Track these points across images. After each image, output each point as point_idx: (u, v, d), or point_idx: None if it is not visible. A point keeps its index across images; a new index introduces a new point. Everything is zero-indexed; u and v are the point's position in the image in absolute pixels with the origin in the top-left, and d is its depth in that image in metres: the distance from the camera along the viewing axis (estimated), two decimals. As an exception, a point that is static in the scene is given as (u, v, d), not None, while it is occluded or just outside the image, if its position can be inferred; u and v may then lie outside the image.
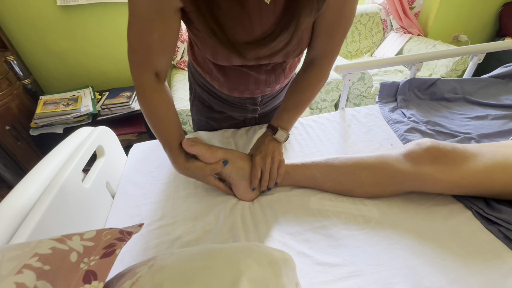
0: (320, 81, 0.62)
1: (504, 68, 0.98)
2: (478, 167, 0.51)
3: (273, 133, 0.61)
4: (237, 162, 0.58)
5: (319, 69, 0.60)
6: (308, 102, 0.63)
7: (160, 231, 0.55)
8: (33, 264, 0.25)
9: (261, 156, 0.58)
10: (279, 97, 0.76)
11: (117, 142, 0.76)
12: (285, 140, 0.61)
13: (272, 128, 0.62)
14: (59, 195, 0.49)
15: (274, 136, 0.61)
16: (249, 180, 0.58)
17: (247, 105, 0.72)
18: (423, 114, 0.83)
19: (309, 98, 0.63)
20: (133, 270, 0.31)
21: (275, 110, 0.79)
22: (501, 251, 0.46)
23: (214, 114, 0.77)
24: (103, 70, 1.73)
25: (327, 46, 0.57)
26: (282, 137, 0.61)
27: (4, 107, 1.34)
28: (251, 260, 0.30)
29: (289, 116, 0.62)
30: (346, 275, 0.45)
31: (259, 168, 0.58)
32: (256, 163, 0.58)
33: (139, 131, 1.66)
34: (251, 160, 0.60)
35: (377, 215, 0.54)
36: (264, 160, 0.58)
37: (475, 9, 2.25)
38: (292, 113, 0.62)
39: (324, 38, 0.55)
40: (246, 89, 0.64)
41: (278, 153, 0.59)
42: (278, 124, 0.61)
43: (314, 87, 0.62)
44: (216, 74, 0.62)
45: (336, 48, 0.58)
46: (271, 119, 0.64)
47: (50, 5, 1.46)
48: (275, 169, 0.58)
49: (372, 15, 2.21)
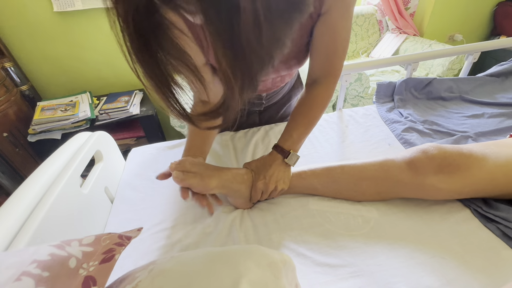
0: (326, 98, 0.61)
1: (499, 67, 0.99)
2: (482, 173, 0.50)
3: (284, 157, 0.57)
4: (233, 186, 0.54)
5: (324, 88, 0.60)
6: (316, 120, 0.62)
7: (160, 235, 0.55)
8: (32, 271, 0.25)
9: (264, 182, 0.55)
10: (283, 91, 0.77)
11: (115, 147, 0.76)
12: (295, 163, 0.58)
13: (282, 151, 0.57)
14: (57, 201, 0.49)
15: (285, 160, 0.57)
16: (246, 198, 0.57)
17: (253, 100, 0.74)
18: (420, 113, 0.84)
19: (317, 116, 0.61)
20: (132, 274, 0.31)
21: (279, 102, 0.80)
22: (500, 249, 0.46)
23: None
24: (101, 75, 1.73)
25: (327, 68, 0.58)
26: (292, 161, 0.57)
27: (2, 114, 1.34)
28: (251, 262, 0.30)
29: (299, 135, 0.59)
30: (346, 276, 0.45)
31: (260, 192, 0.56)
32: (257, 188, 0.55)
33: (137, 136, 1.66)
34: (249, 181, 0.56)
35: (376, 215, 0.54)
36: (266, 187, 0.56)
37: (470, 9, 2.27)
38: (301, 132, 0.60)
39: (323, 60, 0.57)
40: None
41: (282, 182, 0.56)
42: (288, 147, 0.58)
43: (320, 105, 0.61)
44: None
45: (337, 67, 0.59)
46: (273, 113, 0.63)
47: (46, 11, 1.47)
48: (274, 194, 0.58)
49: (368, 16, 2.23)
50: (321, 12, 0.51)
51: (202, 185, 0.50)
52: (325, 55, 0.56)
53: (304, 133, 0.60)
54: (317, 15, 0.51)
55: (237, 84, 0.27)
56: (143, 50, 0.25)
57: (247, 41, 0.24)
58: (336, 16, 0.51)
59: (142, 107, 1.59)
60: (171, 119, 1.55)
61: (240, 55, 0.24)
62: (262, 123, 0.84)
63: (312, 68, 0.59)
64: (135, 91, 1.68)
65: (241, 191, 0.55)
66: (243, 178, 0.56)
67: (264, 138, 0.78)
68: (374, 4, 2.29)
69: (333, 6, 0.49)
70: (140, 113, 1.54)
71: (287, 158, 0.57)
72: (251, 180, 0.56)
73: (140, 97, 1.66)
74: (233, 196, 0.57)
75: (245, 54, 0.25)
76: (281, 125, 0.83)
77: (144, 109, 1.57)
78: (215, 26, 0.22)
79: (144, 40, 0.24)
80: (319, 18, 0.51)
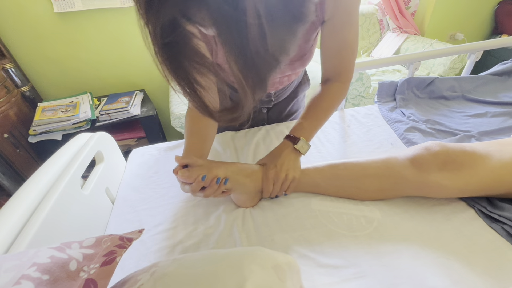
0: (340, 94, 0.62)
1: (502, 65, 0.98)
2: (486, 171, 0.50)
3: (294, 143, 0.57)
4: (238, 179, 0.54)
5: (336, 86, 0.62)
6: (328, 112, 0.62)
7: (161, 236, 0.55)
8: (32, 274, 0.25)
9: (275, 171, 0.55)
10: (290, 87, 0.78)
11: (116, 148, 0.75)
12: (306, 151, 0.58)
13: (292, 138, 0.58)
14: (58, 202, 0.48)
15: (295, 146, 0.56)
16: (250, 194, 0.57)
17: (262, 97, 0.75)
18: (423, 113, 0.83)
19: (328, 108, 0.62)
20: (134, 277, 0.31)
21: (287, 99, 0.81)
22: (505, 249, 0.46)
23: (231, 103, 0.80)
24: (101, 75, 1.73)
25: (338, 69, 0.60)
26: (304, 149, 0.57)
27: (2, 115, 1.34)
28: (255, 265, 0.29)
29: (310, 124, 0.59)
30: (349, 277, 0.44)
31: (272, 182, 0.55)
32: (269, 177, 0.55)
33: (138, 136, 1.66)
34: (254, 175, 0.56)
35: (379, 215, 0.54)
36: (278, 176, 0.55)
37: (471, 8, 2.26)
38: (313, 122, 0.60)
39: (333, 62, 0.59)
40: None
41: (293, 170, 0.56)
42: (299, 134, 0.57)
43: (333, 98, 0.62)
44: None
45: (348, 68, 0.60)
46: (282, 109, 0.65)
47: (47, 12, 1.47)
48: (286, 184, 0.56)
49: (369, 16, 2.23)
50: (324, 20, 0.53)
51: (209, 175, 0.50)
52: (333, 58, 0.59)
53: (315, 124, 0.61)
54: (320, 22, 0.53)
55: (249, 86, 0.31)
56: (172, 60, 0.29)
57: (255, 50, 0.28)
58: (339, 23, 0.53)
59: (142, 108, 1.59)
60: (172, 120, 1.55)
61: (250, 62, 0.28)
62: (271, 120, 0.85)
63: (324, 69, 0.62)
64: (136, 92, 1.68)
65: (246, 185, 0.55)
66: (249, 172, 0.56)
67: (265, 137, 0.78)
68: (375, 4, 2.28)
69: (335, 14, 0.51)
70: (140, 113, 1.54)
71: (297, 145, 0.57)
72: (257, 175, 0.56)
73: (141, 98, 1.66)
74: (237, 191, 0.56)
75: (254, 61, 0.29)
76: (282, 125, 0.82)
77: (145, 110, 1.57)
78: (226, 38, 0.26)
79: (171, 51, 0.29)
80: (322, 24, 0.54)
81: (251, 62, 0.28)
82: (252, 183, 0.55)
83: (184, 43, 0.29)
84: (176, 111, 1.55)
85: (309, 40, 0.57)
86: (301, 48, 0.58)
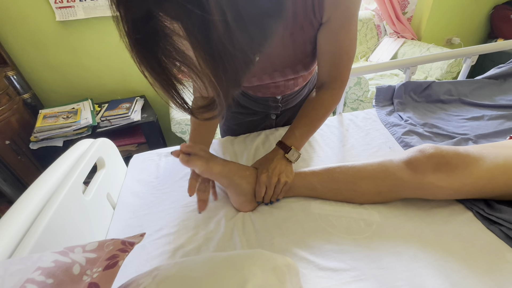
0: (332, 102, 0.62)
1: (498, 69, 0.99)
2: (480, 172, 0.50)
3: (285, 152, 0.59)
4: (235, 179, 0.56)
5: (331, 93, 0.62)
6: (320, 121, 0.63)
7: (162, 240, 0.55)
8: (36, 278, 0.25)
9: (267, 175, 0.56)
10: (300, 95, 0.78)
11: (117, 154, 0.76)
12: (296, 160, 0.60)
13: (284, 146, 0.60)
14: (60, 208, 0.49)
15: (286, 155, 0.59)
16: (246, 196, 0.57)
17: (269, 102, 0.75)
18: (420, 116, 0.84)
19: (321, 118, 0.63)
20: (136, 281, 0.31)
21: (296, 106, 0.81)
22: (503, 251, 0.46)
23: (240, 108, 0.81)
24: (102, 82, 1.74)
25: (333, 74, 0.60)
26: (293, 157, 0.59)
27: (4, 122, 1.35)
28: (256, 267, 0.30)
29: (301, 134, 0.61)
30: (349, 280, 0.45)
31: (264, 186, 0.56)
32: (261, 181, 0.56)
33: (138, 142, 1.67)
34: (251, 177, 0.58)
35: (378, 218, 0.54)
36: (270, 180, 0.56)
37: (467, 12, 2.29)
38: (304, 131, 0.61)
39: (328, 67, 0.59)
40: (267, 91, 0.70)
41: (285, 175, 0.57)
42: (290, 143, 0.59)
43: (326, 107, 0.62)
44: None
45: (343, 74, 0.60)
46: (291, 116, 0.66)
47: (49, 20, 1.49)
48: (279, 188, 0.57)
49: (366, 21, 2.25)
50: (322, 22, 0.52)
51: (206, 168, 0.52)
52: (329, 62, 0.58)
53: (307, 132, 0.62)
54: (318, 24, 0.53)
55: (220, 84, 0.30)
56: (148, 56, 0.28)
57: (223, 47, 0.27)
58: (338, 26, 0.52)
59: (143, 114, 1.60)
60: (172, 125, 1.56)
61: (218, 60, 0.27)
62: (279, 126, 0.86)
63: (320, 73, 0.62)
64: (136, 98, 1.69)
65: (241, 187, 0.56)
66: (245, 174, 0.57)
67: (264, 142, 0.79)
68: (372, 9, 2.31)
69: (334, 17, 0.51)
70: (141, 119, 1.55)
71: (287, 154, 0.58)
72: (253, 178, 0.58)
73: (141, 104, 1.68)
74: (233, 192, 0.57)
75: (222, 58, 0.28)
76: (281, 129, 0.83)
77: (145, 116, 1.58)
78: (193, 36, 0.25)
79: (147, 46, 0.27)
80: (321, 26, 0.53)
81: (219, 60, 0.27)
82: (248, 186, 0.57)
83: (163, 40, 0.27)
84: (176, 116, 1.57)
85: (307, 42, 0.56)
86: (299, 50, 0.57)
